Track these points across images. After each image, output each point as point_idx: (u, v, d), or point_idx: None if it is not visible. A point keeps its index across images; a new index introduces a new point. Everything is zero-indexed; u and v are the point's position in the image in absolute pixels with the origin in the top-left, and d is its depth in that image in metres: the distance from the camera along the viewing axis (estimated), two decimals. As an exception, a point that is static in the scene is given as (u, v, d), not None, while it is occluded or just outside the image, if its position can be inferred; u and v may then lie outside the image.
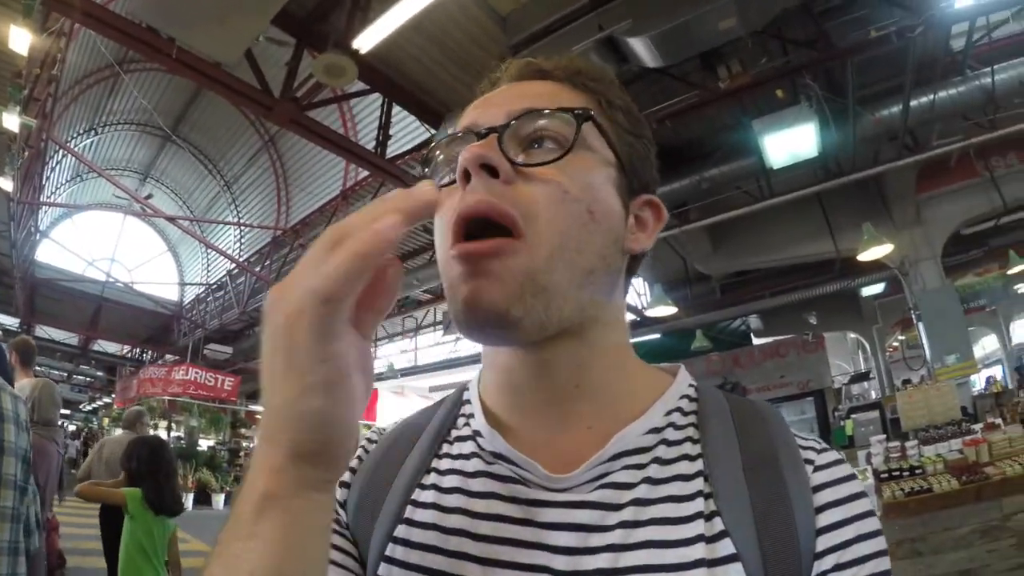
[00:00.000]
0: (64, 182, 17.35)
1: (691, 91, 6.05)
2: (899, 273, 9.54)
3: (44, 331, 18.48)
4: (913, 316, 9.53)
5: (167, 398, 16.59)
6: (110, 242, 21.45)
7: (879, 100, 6.86)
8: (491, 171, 0.52)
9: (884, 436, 5.78)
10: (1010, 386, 10.35)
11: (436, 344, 18.67)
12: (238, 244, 17.46)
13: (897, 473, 4.53)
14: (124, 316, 18.02)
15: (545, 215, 0.52)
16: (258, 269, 14.01)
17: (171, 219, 15.18)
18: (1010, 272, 10.62)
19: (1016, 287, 12.84)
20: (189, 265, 21.52)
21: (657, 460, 0.54)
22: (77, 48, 10.81)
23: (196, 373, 16.06)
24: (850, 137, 6.92)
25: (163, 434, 15.31)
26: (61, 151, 13.64)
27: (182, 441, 16.83)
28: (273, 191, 16.15)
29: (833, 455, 0.56)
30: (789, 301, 11.74)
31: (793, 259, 10.22)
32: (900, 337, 15.40)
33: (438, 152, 0.60)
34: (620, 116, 0.61)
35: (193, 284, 19.09)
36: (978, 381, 10.24)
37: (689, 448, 0.56)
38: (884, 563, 0.51)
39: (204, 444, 17.89)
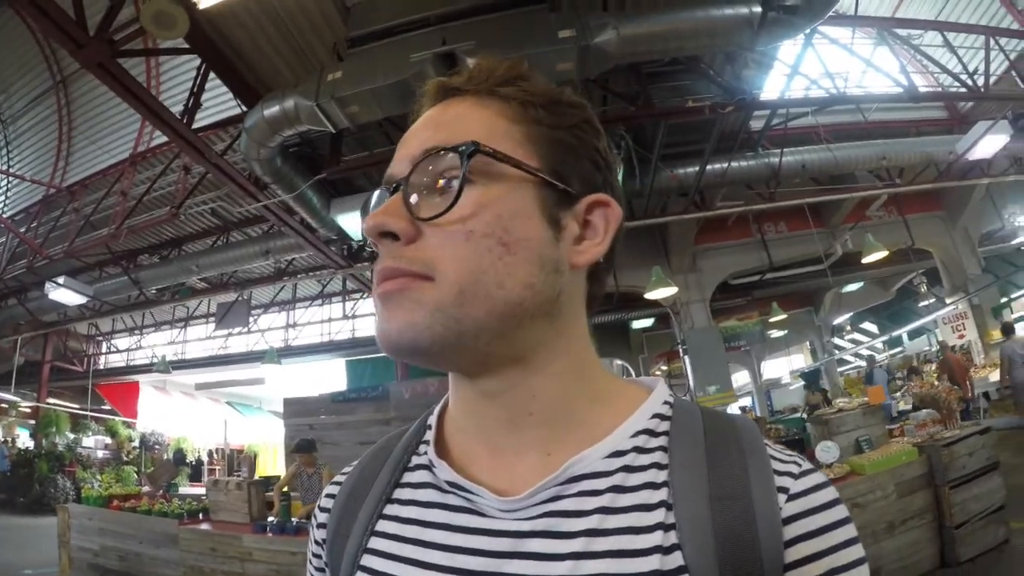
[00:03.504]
0: None
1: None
2: (671, 312, 10.75)
3: None
4: (680, 350, 10.74)
5: None
6: None
7: (679, 159, 7.67)
8: (391, 235, 0.53)
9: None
10: (759, 414, 11.98)
11: (207, 338, 17.40)
12: (3, 198, 15.01)
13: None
14: None
15: (451, 258, 0.52)
16: (23, 230, 12.15)
17: (-66, 156, 12.73)
18: (771, 320, 12.32)
19: (770, 333, 14.96)
20: (-59, 215, 18.00)
21: (616, 488, 0.52)
22: None
23: (-65, 347, 13.42)
24: (647, 186, 7.59)
25: None
26: None
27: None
28: (54, 142, 14.14)
29: (812, 480, 0.53)
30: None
31: (574, 288, 11.05)
32: (663, 367, 17.29)
33: (371, 205, 0.61)
34: (540, 112, 0.57)
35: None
36: (738, 409, 11.74)
37: (654, 475, 0.53)
38: None
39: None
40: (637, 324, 14.51)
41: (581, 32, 4.51)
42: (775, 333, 15.64)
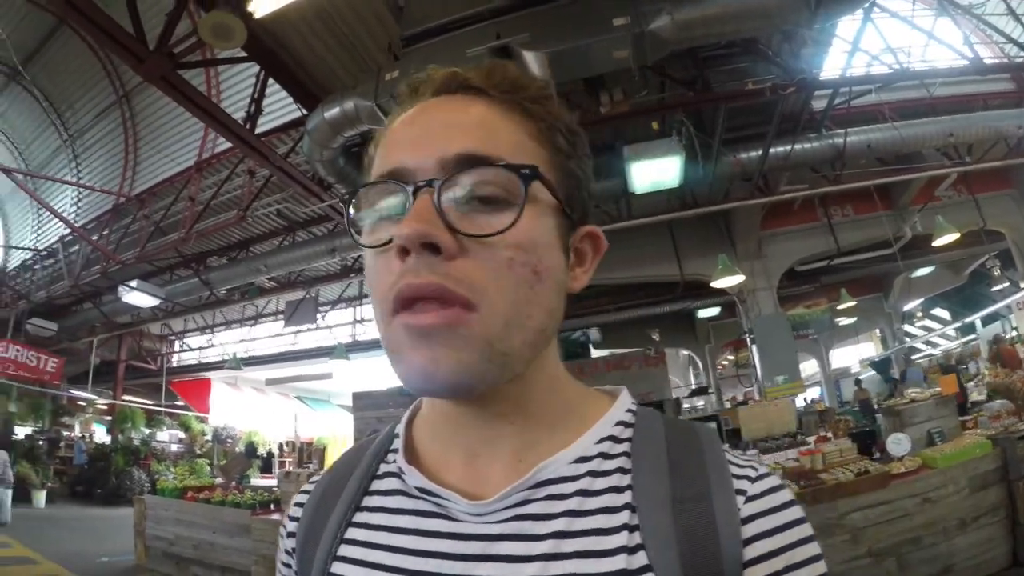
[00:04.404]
0: None
1: (569, 110, 6.22)
2: (737, 300, 10.48)
3: None
4: (748, 339, 10.47)
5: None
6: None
7: (741, 144, 7.49)
8: (432, 248, 0.49)
9: (727, 446, 6.28)
10: (828, 405, 11.68)
11: (276, 335, 17.88)
12: (75, 208, 15.76)
13: (742, 479, 4.97)
14: (-63, 279, 15.51)
15: (494, 287, 0.50)
16: (95, 238, 12.73)
17: (7, 171, 13.43)
18: (840, 307, 11.97)
19: (838, 320, 14.51)
20: (17, 226, 19.05)
21: (582, 492, 0.53)
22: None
23: (16, 351, 14.15)
24: (709, 173, 7.44)
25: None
26: None
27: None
28: (120, 153, 14.76)
29: (769, 482, 0.55)
30: (631, 316, 12.52)
31: (640, 278, 10.90)
32: (730, 356, 16.90)
33: (364, 198, 0.56)
34: (560, 139, 0.58)
35: (20, 248, 16.91)
36: (802, 400, 11.44)
37: (618, 479, 0.54)
38: None
39: (21, 433, 15.77)
40: (703, 313, 14.25)
41: (635, 19, 4.44)
42: (844, 320, 15.15)
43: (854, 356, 19.66)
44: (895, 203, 10.52)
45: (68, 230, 13.34)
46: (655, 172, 6.52)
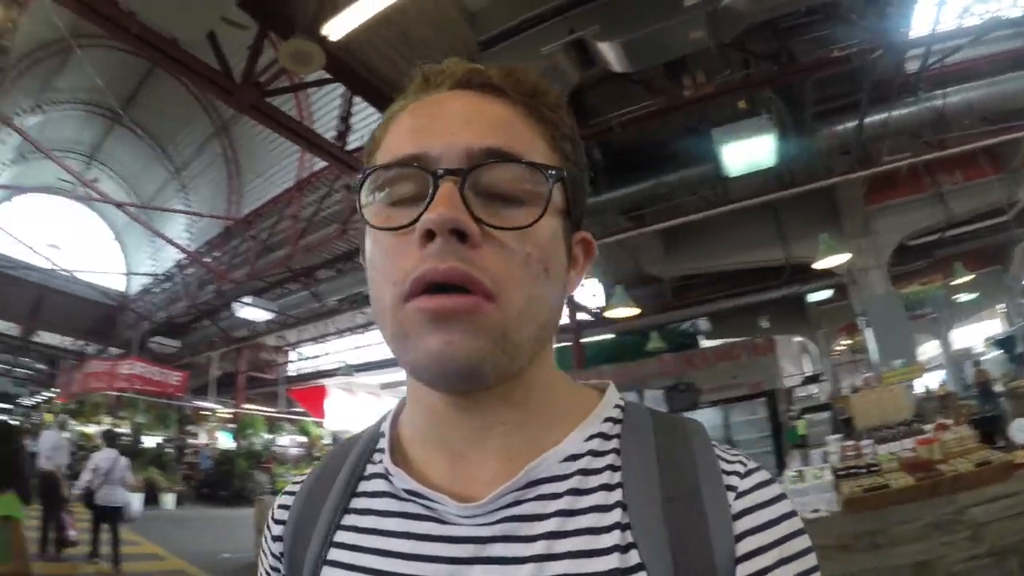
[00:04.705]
0: (3, 163, 16.50)
1: (653, 96, 6.12)
2: (847, 281, 9.85)
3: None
4: (860, 322, 9.86)
5: (113, 393, 15.93)
6: (53, 228, 20.15)
7: (834, 115, 7.08)
8: (459, 234, 0.49)
9: (841, 436, 5.99)
10: (952, 389, 10.84)
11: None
12: (187, 233, 16.97)
13: (854, 471, 4.69)
14: (67, 306, 17.22)
15: (513, 279, 0.51)
16: (208, 260, 13.64)
17: (120, 205, 14.65)
18: (953, 283, 11.08)
19: (957, 297, 13.43)
20: (135, 254, 20.77)
21: (573, 491, 0.53)
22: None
23: (142, 367, 15.42)
24: (804, 149, 7.10)
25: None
26: (2, 128, 12.97)
27: (125, 438, 16.11)
28: (224, 179, 15.77)
29: (758, 477, 0.54)
30: (738, 304, 12.05)
31: (743, 264, 10.49)
32: (845, 341, 15.93)
33: (376, 181, 0.55)
34: (568, 147, 0.59)
35: (140, 274, 18.42)
36: (923, 385, 10.65)
37: (608, 477, 0.54)
38: None
39: (150, 442, 17.16)
40: (813, 297, 13.53)
41: (706, -3, 4.33)
42: (963, 297, 13.99)
43: (979, 335, 18.18)
44: (1006, 165, 9.61)
45: (182, 255, 14.33)
46: (747, 153, 6.30)
